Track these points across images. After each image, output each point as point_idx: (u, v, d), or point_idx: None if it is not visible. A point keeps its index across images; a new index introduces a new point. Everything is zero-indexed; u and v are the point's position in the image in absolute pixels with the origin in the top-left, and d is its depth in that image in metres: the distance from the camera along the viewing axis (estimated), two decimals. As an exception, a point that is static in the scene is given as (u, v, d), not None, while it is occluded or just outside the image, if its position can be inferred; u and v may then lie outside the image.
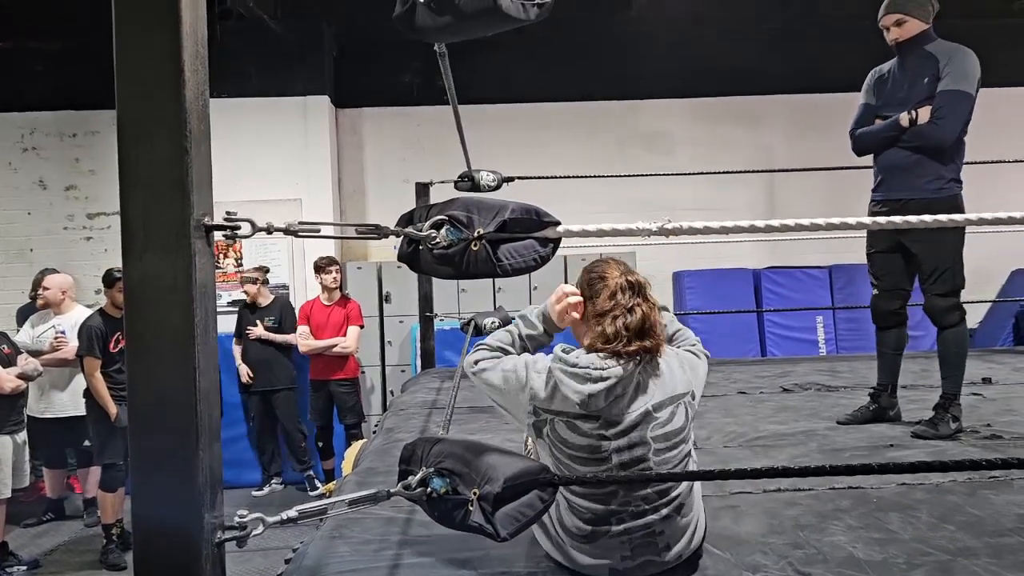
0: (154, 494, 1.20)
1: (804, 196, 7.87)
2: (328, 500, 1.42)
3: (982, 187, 6.41)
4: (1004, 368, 4.77)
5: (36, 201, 7.74)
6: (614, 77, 7.96)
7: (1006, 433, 3.21)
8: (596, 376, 1.85)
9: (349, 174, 8.03)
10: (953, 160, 3.26)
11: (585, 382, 1.85)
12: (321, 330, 6.45)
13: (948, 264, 3.24)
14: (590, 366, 1.86)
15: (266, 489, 6.67)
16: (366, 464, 3.20)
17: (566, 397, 1.86)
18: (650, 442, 1.88)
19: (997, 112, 7.74)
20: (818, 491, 2.54)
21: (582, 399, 1.84)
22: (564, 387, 1.86)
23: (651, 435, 1.88)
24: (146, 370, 1.18)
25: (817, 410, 3.80)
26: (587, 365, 1.86)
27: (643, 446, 1.87)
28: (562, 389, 1.86)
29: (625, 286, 1.93)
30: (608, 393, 1.85)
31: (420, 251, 1.45)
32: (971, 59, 3.22)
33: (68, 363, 5.66)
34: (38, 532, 5.89)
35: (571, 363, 1.87)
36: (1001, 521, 2.26)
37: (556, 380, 1.88)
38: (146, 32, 1.18)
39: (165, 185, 1.16)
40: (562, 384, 1.87)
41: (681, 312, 7.46)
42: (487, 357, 2.08)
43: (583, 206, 7.40)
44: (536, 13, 1.44)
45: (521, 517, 1.51)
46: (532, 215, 1.43)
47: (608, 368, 1.86)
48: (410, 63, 7.88)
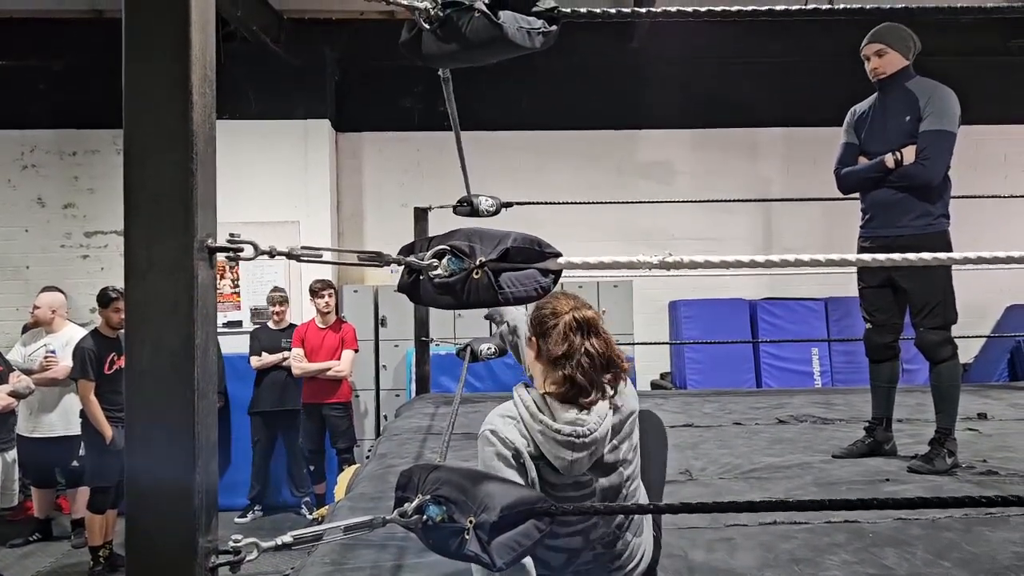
0: (149, 515, 1.19)
1: (800, 226, 7.93)
2: (323, 526, 1.41)
3: (980, 221, 6.51)
4: (1000, 404, 4.77)
5: (34, 218, 7.74)
6: (615, 107, 8.03)
7: (1002, 469, 3.21)
8: (580, 444, 1.81)
9: (348, 197, 8.05)
10: (941, 196, 3.28)
11: (572, 450, 1.81)
12: (315, 353, 6.43)
13: (939, 299, 3.26)
14: (572, 434, 1.81)
15: (249, 516, 6.61)
16: (359, 489, 3.18)
17: (548, 452, 1.83)
18: (621, 469, 1.92)
19: (995, 149, 7.86)
20: (813, 525, 2.53)
21: (564, 465, 1.82)
22: (545, 448, 1.83)
23: (622, 458, 1.93)
24: (145, 391, 1.18)
25: (812, 443, 3.79)
26: (569, 433, 1.81)
27: (617, 474, 1.92)
28: (543, 448, 1.83)
29: (574, 326, 1.88)
30: (591, 455, 1.84)
31: (420, 282, 1.45)
32: (951, 97, 3.26)
33: (58, 382, 5.63)
34: (24, 552, 5.82)
35: (552, 428, 1.82)
36: (997, 558, 2.25)
37: (537, 439, 1.84)
38: (155, 55, 1.18)
39: (170, 207, 1.16)
40: (543, 445, 1.83)
41: (677, 342, 7.48)
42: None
43: (582, 232, 7.45)
44: (541, 42, 1.45)
45: (517, 547, 1.49)
46: (534, 245, 1.43)
47: (590, 428, 1.82)
48: (411, 89, 7.95)
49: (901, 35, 3.33)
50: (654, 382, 7.83)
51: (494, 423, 1.88)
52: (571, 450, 1.80)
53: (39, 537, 6.02)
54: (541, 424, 1.82)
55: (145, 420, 1.18)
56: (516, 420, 1.87)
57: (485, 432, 1.88)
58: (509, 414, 1.89)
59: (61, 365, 5.62)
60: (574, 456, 1.81)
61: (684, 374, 7.53)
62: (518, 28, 1.40)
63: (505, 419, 1.88)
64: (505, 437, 1.84)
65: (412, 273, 1.46)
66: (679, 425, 4.27)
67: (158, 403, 1.17)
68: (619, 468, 1.91)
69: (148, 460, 1.18)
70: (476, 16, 1.39)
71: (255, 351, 6.63)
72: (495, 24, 1.38)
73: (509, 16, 1.40)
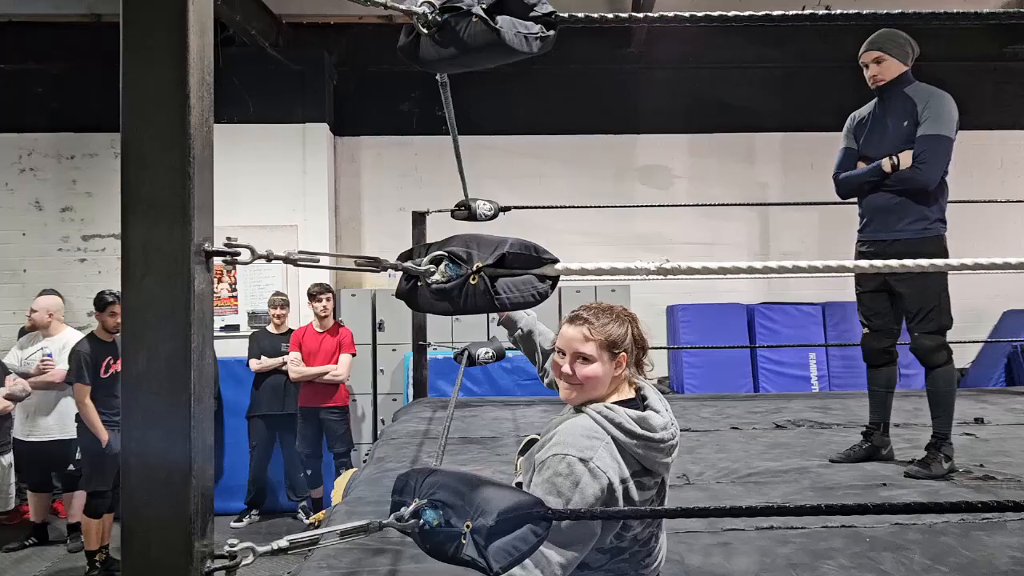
0: (144, 519, 1.19)
1: (797, 231, 7.95)
2: (319, 530, 1.40)
3: (976, 227, 6.53)
4: (997, 408, 4.78)
5: (31, 222, 7.74)
6: (613, 111, 8.04)
7: (999, 474, 3.21)
8: (676, 443, 1.76)
9: (346, 201, 8.05)
10: (937, 201, 3.30)
11: (671, 453, 1.76)
12: (313, 357, 6.42)
13: (934, 303, 3.26)
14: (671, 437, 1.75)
15: (245, 520, 6.60)
16: (356, 493, 3.18)
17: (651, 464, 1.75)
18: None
19: (991, 154, 7.88)
20: (811, 529, 2.53)
21: (664, 468, 1.77)
22: (647, 461, 1.73)
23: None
24: (141, 395, 1.17)
25: (810, 447, 3.79)
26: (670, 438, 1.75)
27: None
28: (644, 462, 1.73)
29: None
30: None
31: (418, 288, 1.45)
32: (948, 102, 3.27)
33: (55, 386, 5.63)
34: (20, 557, 5.81)
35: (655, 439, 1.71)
36: (994, 563, 2.25)
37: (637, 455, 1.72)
38: (153, 58, 1.18)
39: (167, 210, 1.16)
40: (644, 460, 1.73)
41: (674, 346, 7.48)
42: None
43: (580, 237, 7.46)
44: (538, 46, 1.45)
45: (514, 551, 1.49)
46: (531, 251, 1.42)
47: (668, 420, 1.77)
48: (409, 93, 7.95)
49: (898, 41, 3.35)
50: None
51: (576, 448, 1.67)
52: (670, 455, 1.76)
53: (35, 541, 6.01)
54: (642, 437, 1.71)
55: (141, 423, 1.18)
56: (605, 442, 1.70)
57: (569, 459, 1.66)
58: (594, 435, 1.70)
59: (58, 369, 5.61)
60: (671, 459, 1.77)
61: (682, 378, 7.53)
62: (516, 33, 1.41)
63: (586, 441, 1.69)
64: (600, 467, 1.66)
65: (410, 279, 1.46)
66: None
67: (154, 407, 1.17)
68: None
69: (144, 464, 1.18)
70: (474, 21, 1.39)
71: (254, 354, 6.62)
72: (493, 29, 1.39)
73: (507, 21, 1.40)
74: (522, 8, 1.42)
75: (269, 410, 6.57)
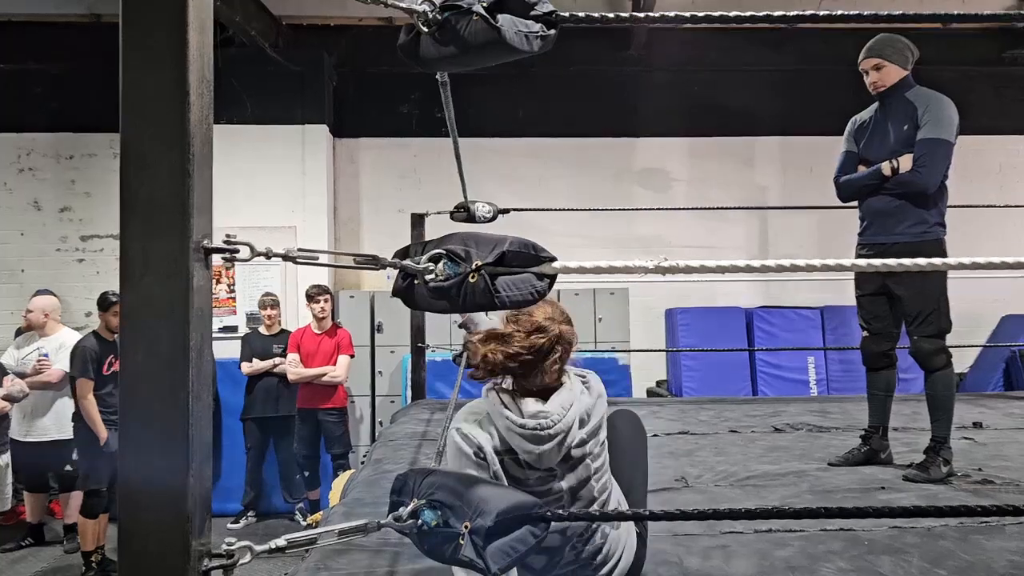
0: (142, 518, 1.18)
1: (796, 235, 7.95)
2: (317, 530, 1.40)
3: (975, 231, 6.52)
4: (995, 413, 4.78)
5: (30, 222, 7.72)
6: (612, 114, 8.04)
7: (997, 478, 3.21)
8: (546, 436, 1.82)
9: (345, 203, 8.04)
10: (936, 204, 3.30)
11: (537, 443, 1.83)
12: (311, 358, 6.41)
13: (933, 307, 3.26)
14: (536, 427, 1.82)
15: (242, 522, 6.59)
16: (354, 495, 3.17)
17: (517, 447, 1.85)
18: (588, 462, 1.91)
19: (990, 159, 7.90)
20: (809, 532, 2.53)
21: (534, 458, 1.84)
22: (513, 442, 1.84)
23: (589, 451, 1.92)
24: (140, 393, 1.17)
25: (808, 451, 3.79)
26: (534, 427, 1.82)
27: (584, 467, 1.91)
28: (512, 442, 1.84)
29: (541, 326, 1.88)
30: (559, 446, 1.85)
31: (415, 286, 1.44)
32: (949, 106, 3.27)
33: (51, 386, 5.61)
34: (16, 557, 5.79)
35: (517, 423, 1.82)
36: (993, 567, 2.24)
37: (504, 435, 1.85)
38: (153, 54, 1.18)
39: (167, 207, 1.16)
40: (510, 439, 1.84)
41: (673, 349, 7.48)
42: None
43: (578, 240, 7.46)
44: (539, 45, 1.45)
45: (512, 552, 1.49)
46: (530, 249, 1.42)
47: (553, 420, 1.83)
48: (408, 95, 7.95)
49: (898, 47, 3.35)
50: (650, 390, 7.82)
51: (458, 422, 1.92)
52: (537, 443, 1.82)
53: (31, 542, 5.99)
54: (506, 420, 1.84)
55: (139, 422, 1.17)
56: (483, 417, 1.90)
57: (452, 431, 1.92)
58: (475, 410, 1.93)
59: (54, 369, 5.60)
60: (540, 449, 1.82)
61: (680, 382, 7.52)
62: (516, 32, 1.41)
63: (471, 416, 1.92)
64: (468, 433, 1.87)
65: (407, 277, 1.46)
66: (675, 432, 4.27)
67: (152, 405, 1.16)
68: (586, 460, 1.92)
69: (142, 462, 1.17)
70: (474, 19, 1.39)
71: (246, 357, 6.61)
72: (493, 27, 1.39)
73: (507, 20, 1.40)
74: (523, 7, 1.42)
75: (262, 412, 6.56)
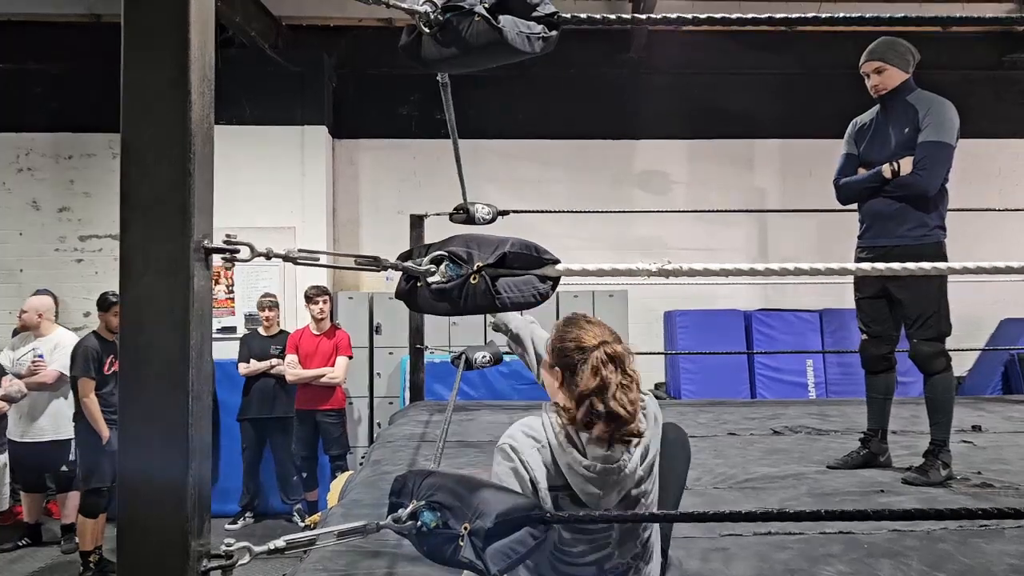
0: (141, 518, 1.18)
1: (796, 237, 7.95)
2: (316, 531, 1.40)
3: (975, 235, 6.54)
4: (994, 416, 4.78)
5: (29, 222, 7.72)
6: (612, 116, 8.05)
7: (996, 481, 3.21)
8: (612, 482, 1.74)
9: (344, 204, 8.04)
10: (937, 207, 3.30)
11: (602, 488, 1.74)
12: (309, 359, 6.41)
13: (933, 310, 3.26)
14: (604, 472, 1.73)
15: (240, 523, 6.58)
16: (352, 496, 3.17)
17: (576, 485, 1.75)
18: (643, 500, 1.86)
19: (989, 162, 7.90)
20: (808, 535, 2.52)
21: (593, 501, 1.75)
22: (573, 480, 1.75)
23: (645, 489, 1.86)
24: (139, 393, 1.17)
25: (807, 453, 3.79)
26: (601, 471, 1.73)
27: (641, 505, 1.85)
28: (570, 479, 1.75)
29: (605, 359, 1.76)
30: (620, 491, 1.77)
31: (418, 289, 1.44)
32: (950, 110, 3.28)
33: (47, 386, 5.60)
34: (13, 557, 5.78)
35: (583, 464, 1.73)
36: (992, 570, 2.24)
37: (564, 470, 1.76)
38: (154, 54, 1.18)
39: (167, 207, 1.15)
40: (569, 476, 1.75)
41: (672, 351, 7.48)
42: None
43: (578, 242, 7.46)
44: (541, 46, 1.45)
45: (512, 554, 1.48)
46: (532, 251, 1.42)
47: (622, 465, 1.74)
48: (408, 96, 7.95)
49: (899, 50, 3.35)
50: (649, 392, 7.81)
51: (517, 440, 1.79)
52: (601, 488, 1.74)
53: (28, 542, 5.98)
54: (570, 457, 1.74)
55: (139, 421, 1.17)
56: (542, 445, 1.78)
57: (505, 446, 1.79)
58: (535, 435, 1.79)
59: (49, 369, 5.60)
60: (604, 493, 1.74)
61: (679, 384, 7.52)
62: (518, 32, 1.40)
63: (530, 440, 1.79)
64: (527, 461, 1.76)
65: (409, 280, 1.45)
66: (674, 435, 4.26)
67: (152, 405, 1.16)
68: (641, 500, 1.84)
69: (141, 462, 1.17)
70: (476, 20, 1.39)
71: (243, 358, 6.60)
72: (495, 28, 1.38)
73: (509, 20, 1.40)
74: (524, 8, 1.42)
75: (258, 413, 6.55)
